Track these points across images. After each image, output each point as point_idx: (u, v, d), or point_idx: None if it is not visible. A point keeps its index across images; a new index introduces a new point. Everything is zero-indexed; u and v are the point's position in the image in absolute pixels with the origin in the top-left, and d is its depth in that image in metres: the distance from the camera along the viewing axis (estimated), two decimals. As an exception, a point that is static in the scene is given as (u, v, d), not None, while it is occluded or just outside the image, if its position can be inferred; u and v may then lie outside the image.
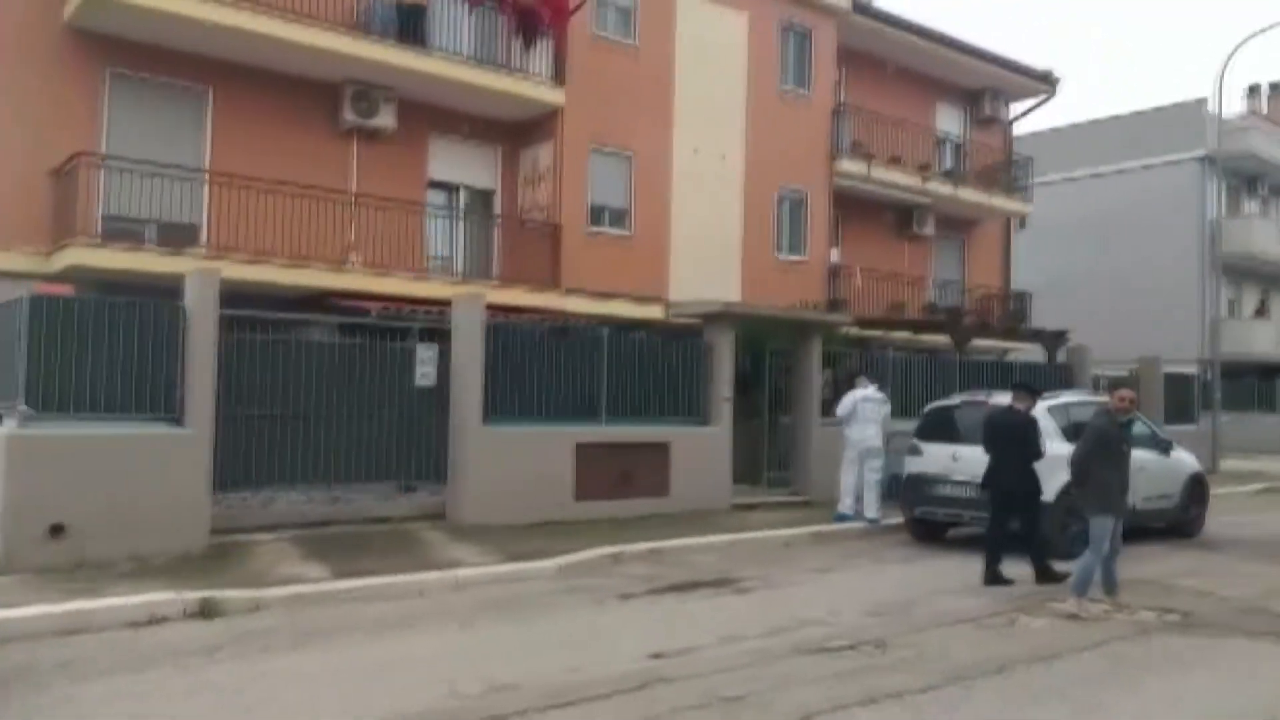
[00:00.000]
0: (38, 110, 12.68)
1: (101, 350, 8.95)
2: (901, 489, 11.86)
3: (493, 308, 14.93)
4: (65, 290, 10.92)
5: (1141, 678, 6.19)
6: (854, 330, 19.65)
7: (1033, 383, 10.82)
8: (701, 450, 13.03)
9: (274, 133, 14.42)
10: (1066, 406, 11.26)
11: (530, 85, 15.78)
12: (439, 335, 11.72)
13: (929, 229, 23.16)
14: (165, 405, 9.29)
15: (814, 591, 8.88)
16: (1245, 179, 34.19)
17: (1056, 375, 17.40)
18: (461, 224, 16.37)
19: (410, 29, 14.95)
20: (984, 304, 24.34)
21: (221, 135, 14.14)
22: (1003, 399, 11.48)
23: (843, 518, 12.59)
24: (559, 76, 16.12)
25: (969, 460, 10.94)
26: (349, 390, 11.03)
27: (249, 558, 9.10)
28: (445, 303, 14.53)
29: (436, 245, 16.02)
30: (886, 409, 12.74)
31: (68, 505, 8.53)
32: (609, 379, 12.42)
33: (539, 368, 11.87)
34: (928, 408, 12.25)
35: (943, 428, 11.63)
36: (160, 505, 8.97)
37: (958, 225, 24.32)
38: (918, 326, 19.12)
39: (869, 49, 21.95)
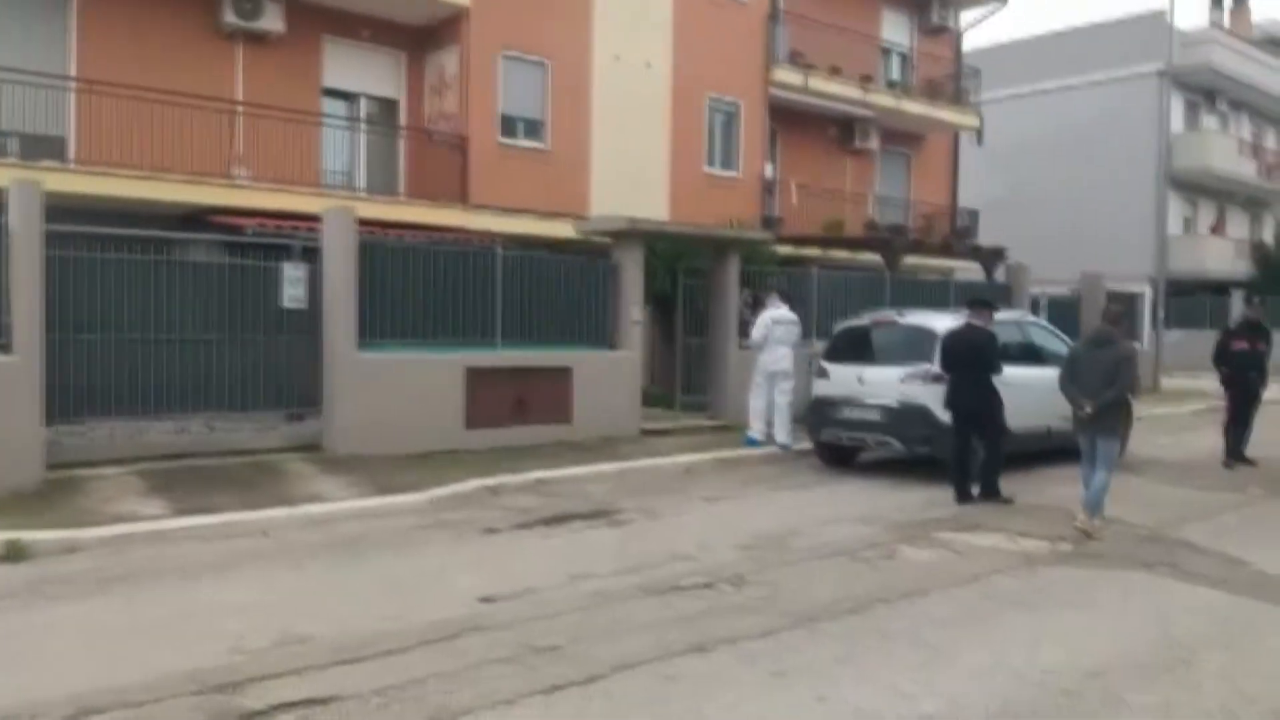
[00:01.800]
0: None
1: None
2: (807, 412, 11.28)
3: (395, 225, 14.18)
4: None
5: (1008, 616, 5.66)
6: (789, 250, 19.03)
7: (973, 299, 10.15)
8: (608, 375, 12.35)
9: (147, 36, 13.32)
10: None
11: (432, -17, 14.68)
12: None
13: (872, 143, 22.35)
14: (-19, 330, 8.46)
15: (695, 522, 8.32)
16: (1204, 93, 33.45)
17: (993, 294, 16.82)
18: (362, 136, 15.36)
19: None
20: (929, 222, 23.64)
21: (88, 39, 13.04)
22: (918, 318, 10.92)
23: (752, 442, 12.04)
24: (464, -25, 15.00)
25: (875, 382, 10.40)
26: (219, 314, 10.20)
27: (85, 494, 8.39)
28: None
29: (334, 159, 15.05)
30: (798, 330, 12.09)
31: (-128, 440, 7.75)
32: (505, 301, 11.65)
33: (424, 289, 11.07)
34: (836, 328, 11.61)
35: (851, 349, 11.02)
36: (-14, 438, 8.20)
37: (903, 140, 23.50)
38: (849, 244, 18.42)
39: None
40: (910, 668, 4.84)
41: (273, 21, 13.98)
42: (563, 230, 14.34)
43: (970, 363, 9.30)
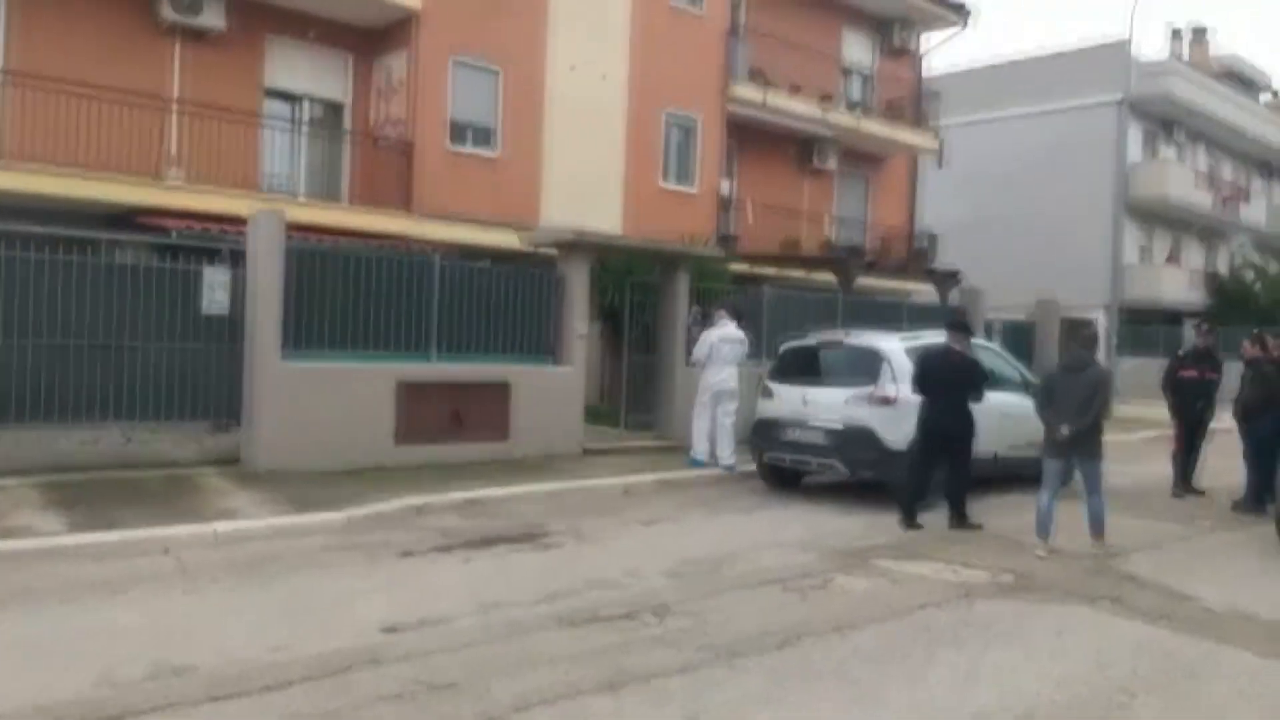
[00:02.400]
0: None
1: None
2: (751, 433, 10.96)
3: (338, 232, 13.75)
4: None
5: (940, 653, 5.34)
6: (745, 268, 18.79)
7: (953, 321, 9.89)
8: (549, 391, 11.96)
9: (80, 29, 12.81)
10: (926, 348, 10.37)
11: (379, -15, 14.30)
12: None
13: (831, 163, 22.22)
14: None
15: (626, 546, 7.95)
16: (1162, 124, 33.79)
17: (945, 316, 16.64)
18: (305, 139, 14.90)
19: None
20: (886, 244, 23.55)
21: (18, 32, 12.54)
22: (866, 338, 10.67)
23: (696, 463, 11.69)
24: (414, -23, 14.64)
25: (820, 404, 10.11)
26: (137, 319, 9.69)
27: (-24, 507, 7.85)
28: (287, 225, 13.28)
29: (276, 162, 14.56)
30: (744, 349, 11.79)
31: None
32: (442, 311, 11.24)
33: (355, 297, 10.63)
34: (782, 347, 11.32)
35: (797, 369, 10.72)
36: None
37: (863, 160, 23.41)
38: (803, 263, 18.20)
39: (768, -33, 20.69)
40: (834, 708, 4.50)
41: (213, 18, 13.52)
42: (512, 240, 13.98)
43: (950, 386, 9.04)
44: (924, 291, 21.69)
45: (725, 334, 11.69)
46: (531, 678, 4.78)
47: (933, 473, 9.13)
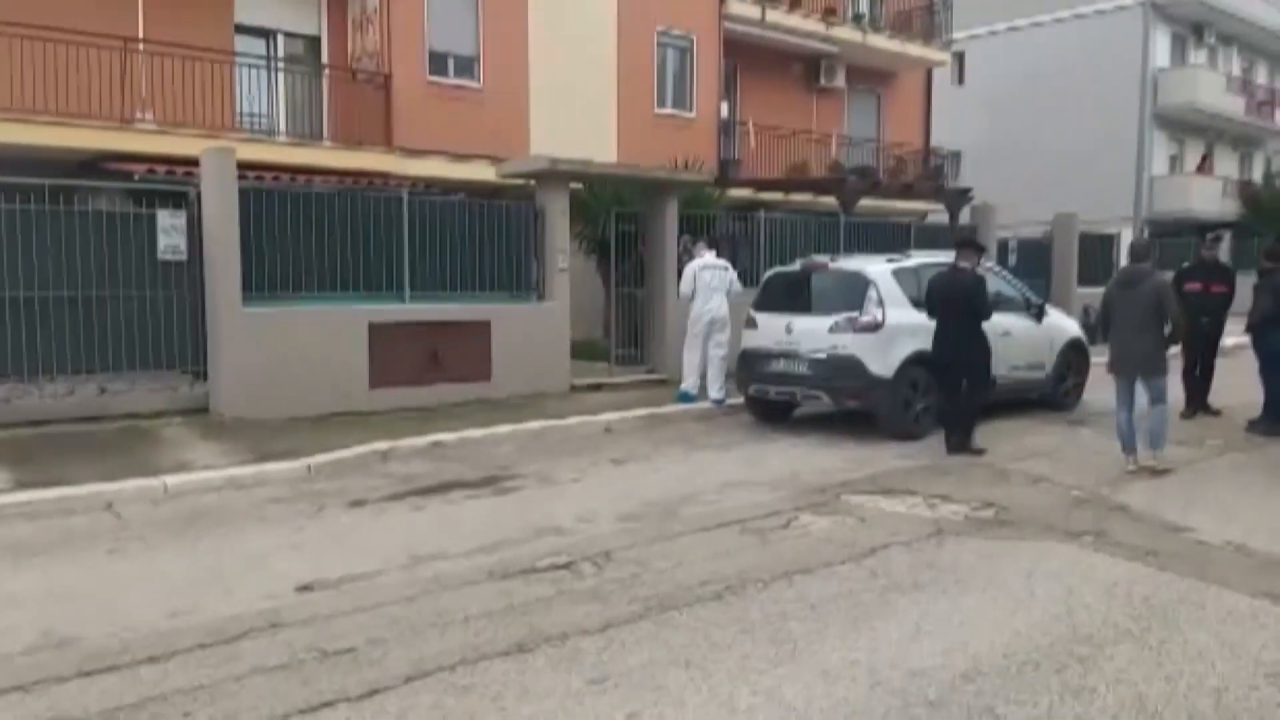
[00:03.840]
0: None
1: None
2: (736, 365, 10.50)
3: (317, 171, 13.31)
4: None
5: (894, 600, 4.93)
6: (748, 194, 18.16)
7: (963, 239, 9.47)
8: (531, 328, 11.55)
9: (33, -32, 12.24)
10: (916, 270, 9.82)
11: (343, -92, 13.62)
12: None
13: (839, 81, 21.33)
14: None
15: (589, 489, 7.58)
16: (1192, 26, 32.20)
17: (955, 236, 15.95)
18: (280, 76, 14.37)
19: None
20: (900, 164, 22.69)
21: (-35, -29, 11.99)
22: (852, 262, 10.12)
23: (686, 398, 11.27)
24: (382, -101, 13.93)
25: (804, 332, 9.62)
26: (94, 267, 9.37)
27: (-82, 468, 7.63)
28: (264, 167, 12.87)
29: (252, 101, 14.06)
30: (731, 275, 11.25)
31: None
32: (414, 250, 10.82)
33: (321, 238, 10.23)
34: (766, 275, 10.77)
35: (781, 297, 10.20)
36: None
37: (873, 78, 22.47)
38: (800, 186, 17.49)
39: (767, -125, 19.62)
40: (758, 669, 4.11)
41: (173, -49, 12.95)
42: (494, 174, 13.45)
43: (958, 308, 8.64)
44: (938, 211, 20.93)
45: (706, 262, 11.17)
46: (437, 641, 4.44)
47: (955, 396, 8.78)
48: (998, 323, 9.28)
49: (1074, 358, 11.07)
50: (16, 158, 11.34)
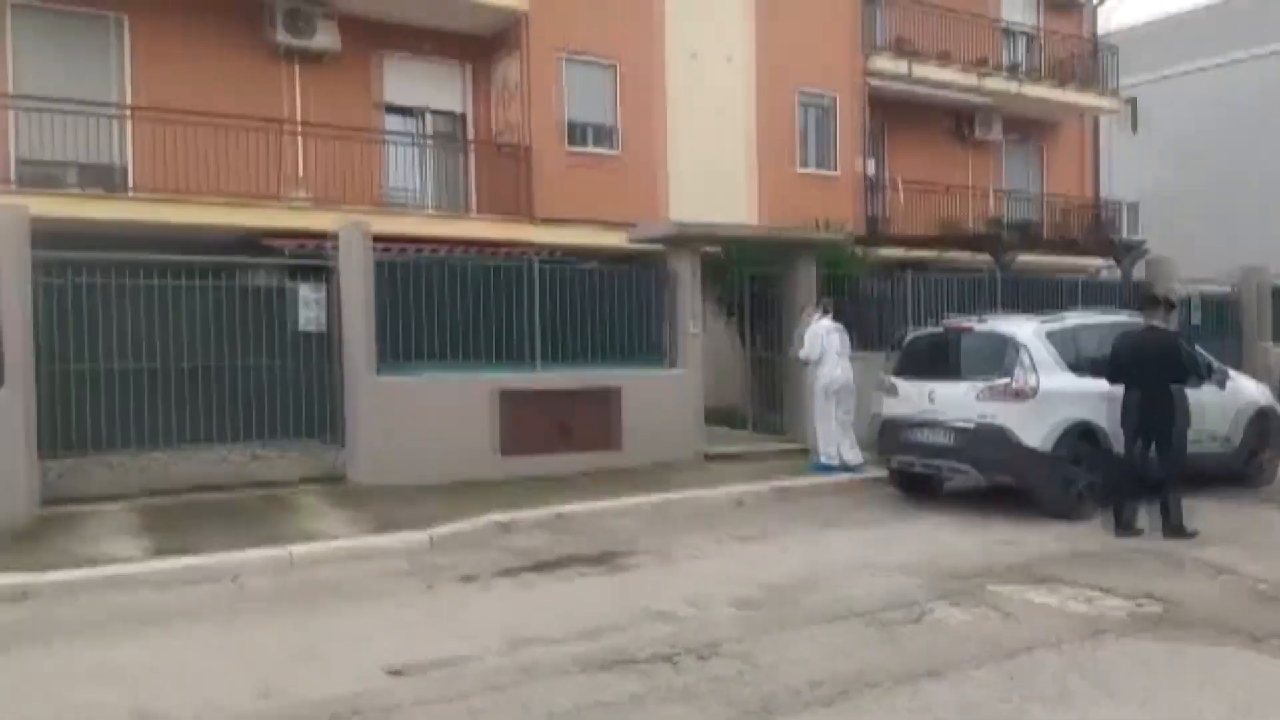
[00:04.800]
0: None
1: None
2: (877, 434, 9.89)
3: (462, 242, 13.59)
4: None
5: (1030, 714, 4.30)
6: (899, 252, 17.49)
7: (1148, 297, 8.86)
8: (662, 395, 11.30)
9: (198, 61, 13.16)
10: (1073, 331, 9.03)
11: (484, -11, 14.07)
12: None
13: (994, 133, 20.41)
14: (-18, 364, 8.21)
15: (707, 569, 7.16)
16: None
17: (1125, 293, 14.83)
18: (427, 152, 14.86)
19: (346, -66, 13.44)
20: (1065, 217, 21.43)
21: (142, 67, 12.98)
22: (999, 323, 9.40)
23: (823, 469, 10.72)
24: (521, -22, 14.34)
25: (947, 400, 8.97)
26: (235, 340, 9.74)
27: (72, 532, 7.97)
28: (411, 239, 13.24)
29: (400, 177, 14.57)
30: (847, 339, 10.81)
31: None
32: (544, 317, 10.80)
33: (452, 307, 10.33)
34: (906, 337, 10.16)
35: (921, 361, 9.57)
36: (-29, 475, 7.93)
37: (1031, 128, 21.41)
38: (951, 243, 16.64)
39: (911, -72, 19.22)
40: (865, 794, 3.60)
41: (327, 39, 13.66)
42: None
43: (1152, 371, 7.90)
44: (1112, 267, 19.60)
45: (827, 325, 10.73)
46: (518, 739, 4.14)
47: (1139, 467, 8.00)
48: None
49: (1265, 428, 9.90)
50: (181, 236, 12.05)
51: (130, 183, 12.78)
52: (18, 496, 8.13)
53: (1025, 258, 16.42)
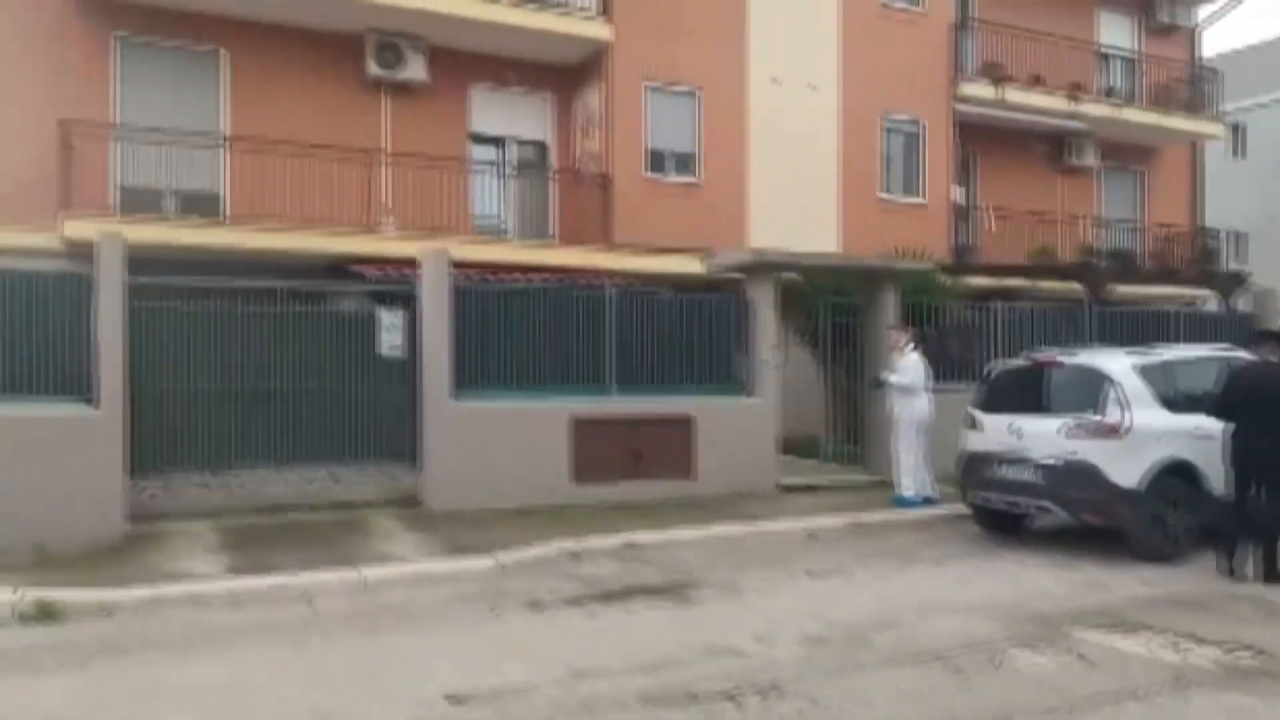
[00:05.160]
0: (47, 82, 12.40)
1: (5, 328, 8.30)
2: (958, 469, 9.58)
3: (544, 269, 13.74)
4: None
5: (1111, 773, 4.06)
6: (989, 281, 17.08)
7: (1264, 331, 8.52)
8: (736, 424, 11.17)
9: (295, 92, 13.65)
10: (1168, 365, 8.63)
11: (569, 21, 14.28)
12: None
13: (1090, 160, 19.81)
14: (78, 385, 8.57)
15: (776, 605, 7.00)
16: None
17: (1228, 326, 14.15)
18: (512, 180, 15.08)
19: (435, -32, 13.77)
20: (1165, 246, 20.62)
21: (240, 97, 13.52)
22: (1088, 357, 9.04)
23: (907, 503, 10.45)
24: (606, 9, 14.48)
25: (1033, 435, 8.64)
26: (319, 363, 9.99)
27: (157, 550, 8.23)
28: (494, 266, 13.45)
29: (485, 204, 14.82)
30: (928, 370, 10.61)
31: (-38, 491, 7.94)
32: (619, 343, 10.80)
33: (529, 333, 10.42)
34: (991, 371, 9.84)
35: (1006, 395, 9.25)
36: (67, 491, 8.28)
37: (1129, 154, 20.72)
38: (1043, 273, 16.16)
39: (1004, -48, 18.88)
40: None
41: (416, 71, 14.01)
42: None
43: (1269, 408, 7.51)
44: (1211, 299, 18.80)
45: (918, 356, 10.52)
46: (569, 775, 4.07)
47: (1245, 511, 7.60)
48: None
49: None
50: (273, 262, 12.43)
51: (226, 209, 13.25)
52: (109, 514, 8.43)
53: (1122, 288, 15.88)
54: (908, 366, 10.73)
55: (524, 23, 13.96)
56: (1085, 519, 8.39)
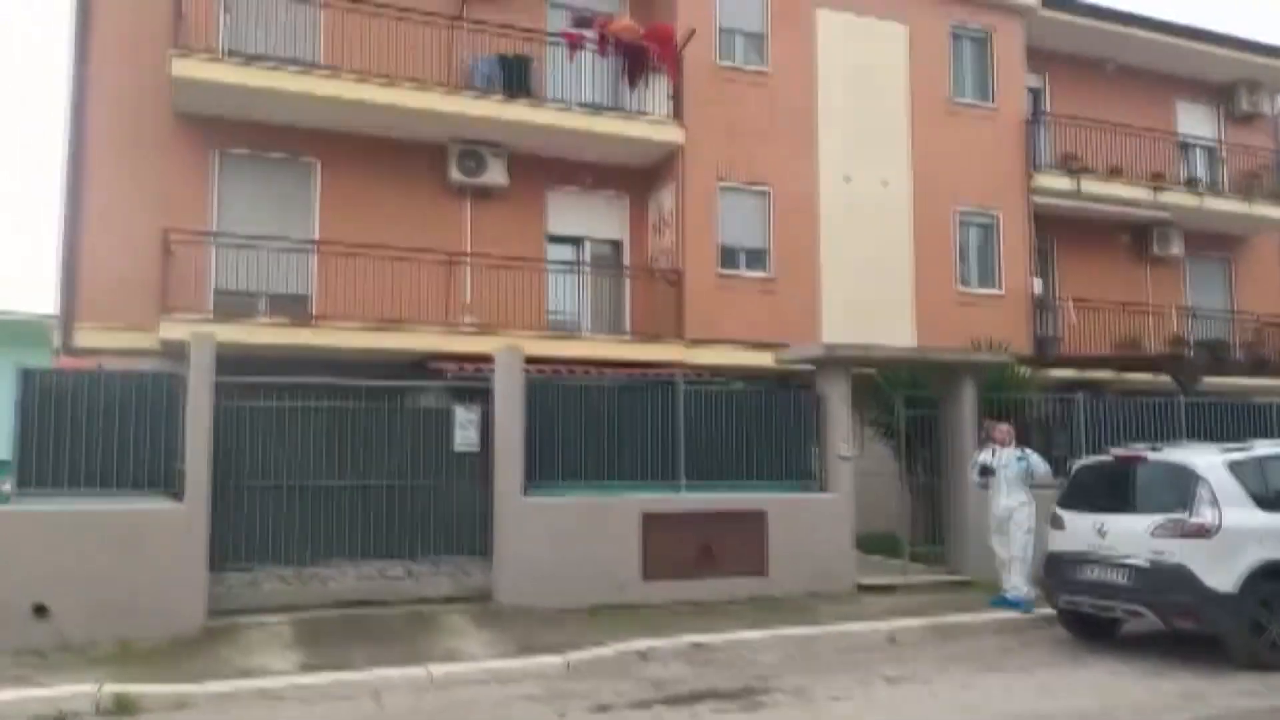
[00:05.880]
0: (151, 191, 13.11)
1: (96, 423, 8.71)
2: (1043, 570, 9.23)
3: (618, 364, 13.90)
4: (85, 365, 10.99)
5: None
6: (1072, 373, 16.71)
7: None
8: (811, 519, 10.99)
9: (382, 198, 14.23)
10: (1263, 462, 8.25)
11: (642, 125, 14.68)
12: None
13: (1175, 249, 19.37)
14: (164, 480, 8.89)
15: (851, 712, 6.78)
16: None
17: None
18: (587, 278, 15.39)
19: (514, 81, 14.38)
20: (1258, 335, 19.90)
21: (329, 203, 14.13)
22: (1176, 453, 8.71)
23: (1009, 604, 10.08)
24: (677, 113, 14.90)
25: (1120, 535, 8.33)
26: (394, 459, 10.15)
27: (233, 644, 8.36)
28: (569, 361, 13.67)
29: (561, 301, 15.11)
30: (1027, 465, 10.27)
31: (53, 584, 8.23)
32: (689, 437, 10.79)
33: (598, 427, 10.49)
34: (1075, 466, 9.53)
35: (1090, 492, 8.94)
36: (151, 585, 8.52)
37: (1217, 243, 20.24)
38: (1129, 364, 15.71)
39: (1077, 48, 18.94)
40: None
41: (496, 176, 14.53)
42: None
43: None
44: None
45: (1011, 451, 10.25)
46: None
47: None
48: None
49: None
50: (356, 360, 12.83)
51: (313, 310, 13.75)
52: (190, 608, 8.63)
53: (1213, 380, 15.33)
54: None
55: (599, 129, 14.42)
56: (1177, 624, 7.97)
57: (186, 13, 12.80)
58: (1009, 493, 10.19)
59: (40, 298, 39.62)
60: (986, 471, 10.43)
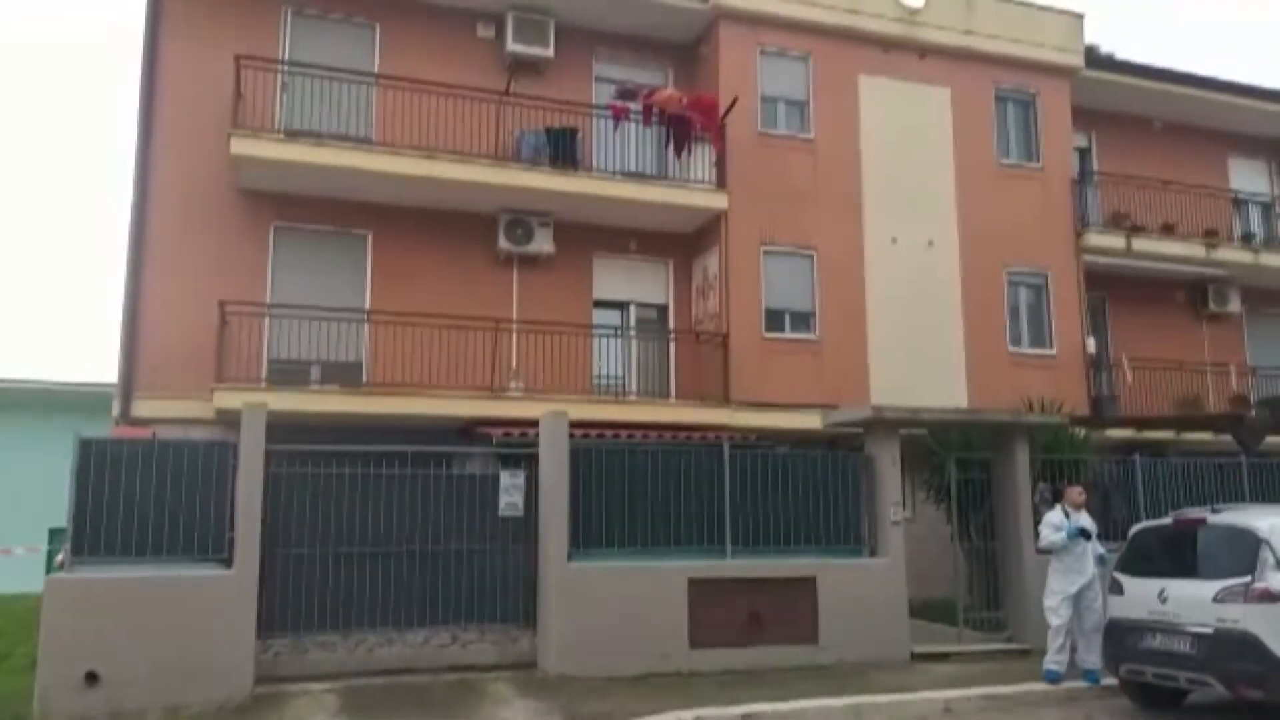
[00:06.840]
0: (208, 265, 13.53)
1: (150, 491, 8.86)
2: (1104, 638, 8.91)
3: (664, 427, 13.89)
4: (140, 433, 11.23)
5: None
6: (1131, 434, 16.34)
7: None
8: (861, 585, 10.77)
9: (430, 266, 14.53)
10: None
11: (687, 193, 14.86)
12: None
13: (1233, 305, 19.02)
14: (214, 547, 9.01)
15: (902, 785, 6.55)
16: None
17: None
18: (633, 342, 15.47)
19: (561, 152, 14.69)
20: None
21: (380, 272, 14.45)
22: (1237, 516, 8.43)
23: (1054, 676, 9.72)
24: (721, 180, 15.06)
25: (1182, 601, 8.04)
26: (439, 526, 10.19)
27: (278, 712, 8.37)
28: (615, 425, 13.67)
29: (607, 365, 15.17)
30: (1092, 530, 9.94)
31: (104, 651, 8.35)
32: (734, 502, 10.70)
33: (643, 492, 10.44)
34: (1133, 530, 9.25)
35: (1150, 557, 8.67)
36: (200, 652, 8.59)
37: (1276, 299, 19.78)
38: (1188, 424, 15.30)
39: (1123, 107, 18.90)
40: None
41: (543, 244, 14.76)
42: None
43: None
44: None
45: (1076, 516, 9.97)
46: None
47: None
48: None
49: None
50: (405, 426, 12.97)
51: (365, 377, 13.98)
52: (238, 674, 8.67)
53: (1276, 440, 14.84)
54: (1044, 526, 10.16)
55: (644, 197, 14.63)
56: (1244, 694, 7.63)
57: (246, 93, 13.32)
58: (1089, 559, 9.80)
59: (103, 368, 40.90)
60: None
